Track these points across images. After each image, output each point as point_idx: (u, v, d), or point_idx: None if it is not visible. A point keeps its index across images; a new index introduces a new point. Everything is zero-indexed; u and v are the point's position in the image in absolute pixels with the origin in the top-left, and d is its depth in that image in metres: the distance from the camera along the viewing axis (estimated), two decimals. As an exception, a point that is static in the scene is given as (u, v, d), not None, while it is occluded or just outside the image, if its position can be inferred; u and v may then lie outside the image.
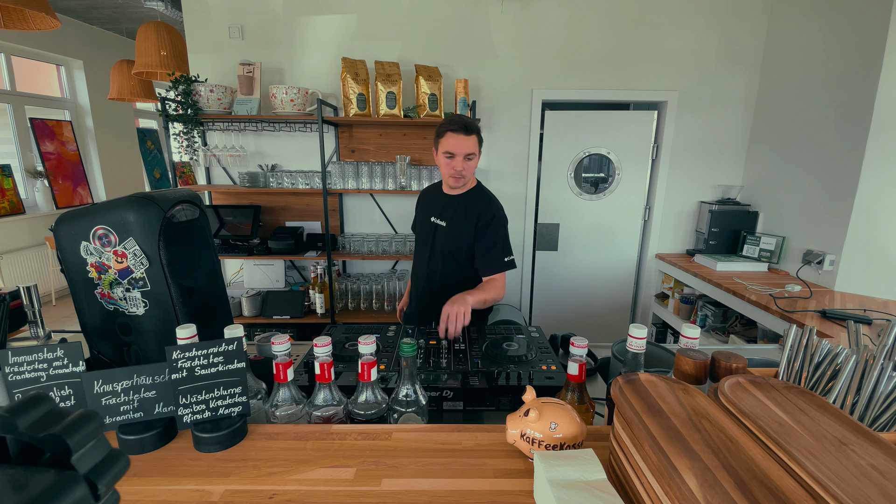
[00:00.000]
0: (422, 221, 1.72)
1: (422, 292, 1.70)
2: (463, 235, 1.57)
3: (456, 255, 1.59)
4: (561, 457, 0.65)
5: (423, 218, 1.70)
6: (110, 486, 0.32)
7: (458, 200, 1.61)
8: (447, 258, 1.60)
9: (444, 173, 1.57)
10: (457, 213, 1.60)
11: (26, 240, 4.33)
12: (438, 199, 1.67)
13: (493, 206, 1.59)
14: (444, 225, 1.62)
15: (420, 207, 1.77)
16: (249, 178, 2.80)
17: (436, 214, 1.65)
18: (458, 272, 1.61)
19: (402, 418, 0.87)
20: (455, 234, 1.58)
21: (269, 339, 1.19)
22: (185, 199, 1.05)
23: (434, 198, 1.70)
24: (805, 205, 2.54)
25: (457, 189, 1.62)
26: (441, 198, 1.66)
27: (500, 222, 1.57)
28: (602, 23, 2.83)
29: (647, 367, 0.89)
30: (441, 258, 1.61)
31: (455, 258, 1.59)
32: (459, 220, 1.58)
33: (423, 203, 1.76)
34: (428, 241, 1.65)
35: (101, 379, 0.78)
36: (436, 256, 1.63)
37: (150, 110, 6.27)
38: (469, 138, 1.48)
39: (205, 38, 2.84)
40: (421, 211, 1.75)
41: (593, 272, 3.31)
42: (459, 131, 1.47)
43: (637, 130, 3.07)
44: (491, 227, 1.55)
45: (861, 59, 2.19)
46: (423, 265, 1.67)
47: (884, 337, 0.75)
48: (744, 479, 0.47)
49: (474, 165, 1.54)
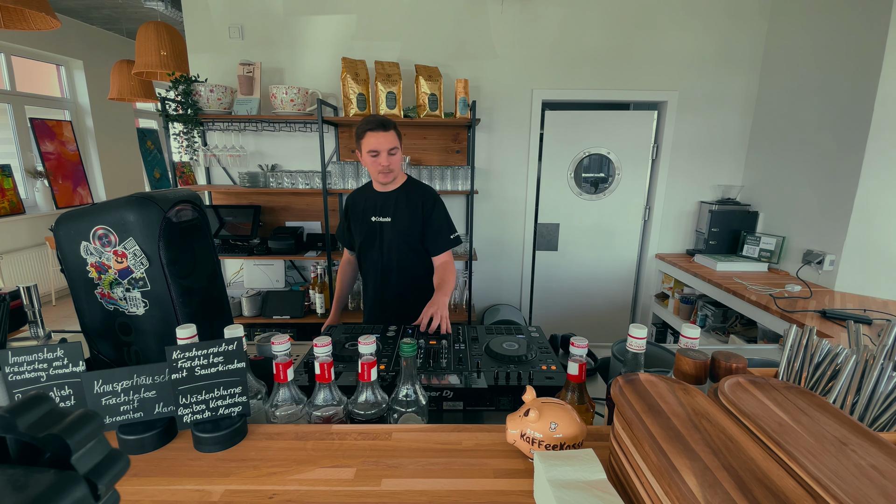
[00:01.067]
0: (361, 223, 1.73)
1: (380, 289, 1.75)
2: (412, 226, 1.66)
3: (405, 245, 1.68)
4: (561, 457, 0.65)
5: (363, 219, 1.72)
6: (110, 486, 0.32)
7: (398, 195, 1.69)
8: (401, 249, 1.68)
9: (373, 171, 1.63)
10: (399, 207, 1.67)
11: (26, 240, 4.33)
12: (375, 199, 1.71)
13: (432, 193, 1.71)
14: (388, 221, 1.68)
15: (353, 212, 1.77)
16: (249, 178, 2.80)
17: (376, 213, 1.69)
18: (414, 256, 1.70)
19: (402, 418, 0.87)
20: (403, 227, 1.66)
21: (269, 339, 1.20)
22: (185, 199, 1.05)
23: (369, 199, 1.73)
24: (805, 205, 2.54)
25: (389, 185, 1.69)
26: (378, 197, 1.71)
27: (440, 205, 1.71)
28: (602, 23, 2.83)
29: (647, 367, 0.89)
30: (394, 251, 1.69)
31: (404, 249, 1.69)
32: (404, 213, 1.67)
33: (355, 208, 1.77)
34: (375, 239, 1.71)
35: (101, 379, 0.78)
36: (388, 251, 1.69)
37: (150, 110, 6.27)
38: (388, 134, 1.56)
39: (205, 38, 2.84)
40: (356, 215, 1.75)
41: (593, 272, 3.31)
42: (378, 129, 1.55)
43: (637, 130, 3.07)
44: (435, 212, 1.68)
45: (861, 60, 2.19)
46: (377, 263, 1.72)
47: (884, 337, 0.75)
48: (744, 479, 0.47)
49: (399, 159, 1.63)
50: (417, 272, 1.72)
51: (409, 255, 1.70)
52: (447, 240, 1.69)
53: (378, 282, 1.75)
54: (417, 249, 1.70)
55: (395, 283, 1.72)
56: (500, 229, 3.18)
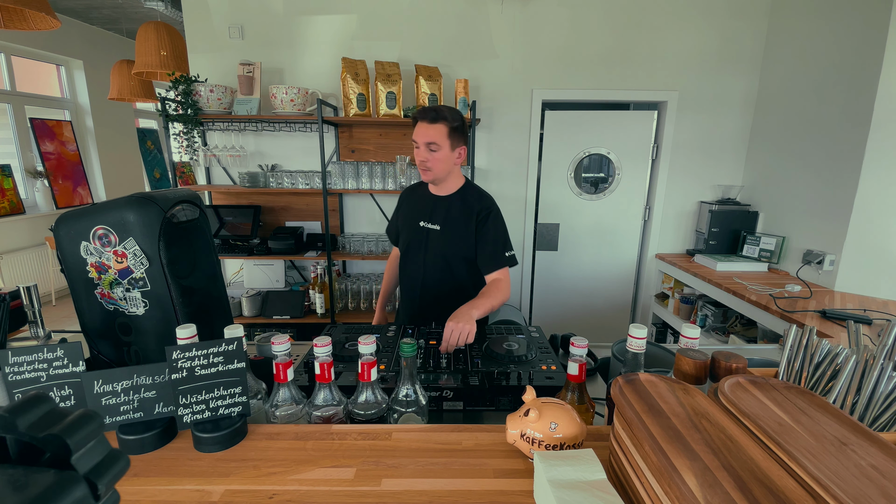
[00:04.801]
0: (409, 226, 1.58)
1: (416, 301, 1.59)
2: (462, 237, 1.47)
3: (452, 259, 1.50)
4: (561, 457, 0.65)
5: (411, 222, 1.57)
6: (110, 486, 0.32)
7: (451, 201, 1.50)
8: (444, 264, 1.51)
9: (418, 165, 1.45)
10: (450, 215, 1.49)
11: (26, 240, 4.33)
12: (426, 202, 1.55)
13: (488, 202, 1.50)
14: (437, 229, 1.50)
15: (403, 209, 1.63)
16: (249, 178, 2.80)
17: (425, 218, 1.52)
18: (459, 272, 1.52)
19: (402, 418, 0.87)
20: (452, 238, 1.48)
21: (269, 339, 1.19)
22: (185, 199, 1.05)
23: (421, 200, 1.57)
24: (805, 205, 2.54)
25: (442, 188, 1.51)
26: (429, 200, 1.54)
27: (498, 217, 1.49)
28: (602, 22, 2.83)
29: (647, 367, 0.89)
30: (436, 264, 1.51)
31: (450, 263, 1.51)
32: (455, 222, 1.48)
33: (406, 205, 1.63)
34: (420, 247, 1.53)
35: (101, 379, 0.78)
36: (431, 263, 1.52)
37: (150, 110, 6.26)
38: (433, 126, 1.37)
39: (205, 38, 2.84)
40: (405, 213, 1.61)
41: (593, 272, 3.31)
42: (424, 119, 1.38)
43: (637, 130, 3.07)
44: (489, 222, 1.46)
45: (861, 59, 2.19)
46: (416, 274, 1.56)
47: (884, 337, 0.75)
48: (744, 479, 0.47)
49: (441, 157, 1.40)
50: (460, 291, 1.49)
51: (454, 271, 1.51)
52: (500, 257, 1.45)
53: (414, 294, 1.57)
54: (465, 265, 1.50)
55: (431, 301, 1.53)
56: (500, 229, 3.18)
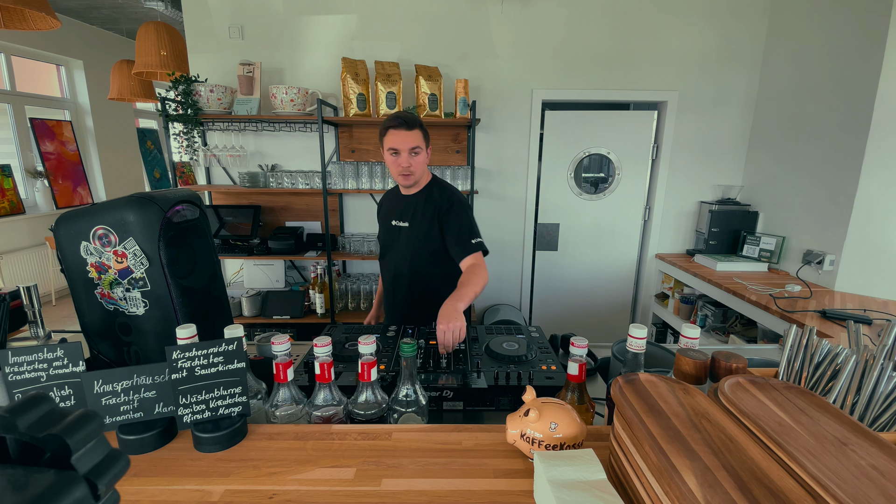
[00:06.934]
0: (384, 226, 1.67)
1: (391, 298, 1.67)
2: (428, 232, 1.54)
3: (422, 253, 1.56)
4: (561, 457, 0.65)
5: (386, 223, 1.65)
6: (110, 486, 0.32)
7: (418, 198, 1.58)
8: (416, 257, 1.57)
9: (394, 172, 1.52)
10: (417, 212, 1.56)
11: (26, 240, 4.33)
12: (398, 202, 1.63)
13: (450, 193, 1.56)
14: (406, 226, 1.58)
15: (381, 215, 1.72)
16: (249, 178, 2.80)
17: (397, 217, 1.61)
18: (430, 266, 1.57)
19: (402, 418, 0.87)
20: (419, 233, 1.55)
21: (269, 339, 1.19)
22: (185, 199, 1.05)
23: (393, 201, 1.66)
24: (805, 205, 2.54)
25: (411, 188, 1.58)
26: (400, 200, 1.62)
27: (460, 206, 1.54)
28: (602, 23, 2.83)
29: (647, 367, 0.89)
30: (408, 259, 1.58)
31: (421, 257, 1.57)
32: (421, 217, 1.55)
33: (382, 210, 1.71)
34: (393, 245, 1.62)
35: (101, 379, 0.78)
36: (402, 259, 1.60)
37: (150, 110, 6.27)
38: (411, 133, 1.44)
39: (205, 38, 2.84)
40: (382, 218, 1.70)
41: (593, 272, 3.31)
42: (401, 127, 1.43)
43: (637, 130, 3.07)
44: (452, 213, 1.52)
45: (861, 59, 2.19)
46: (390, 270, 1.64)
47: (884, 337, 0.75)
48: (744, 479, 0.47)
49: (422, 160, 1.50)
50: (434, 283, 1.57)
51: (425, 265, 1.57)
52: (467, 244, 1.49)
53: (389, 290, 1.67)
54: (437, 258, 1.56)
55: (404, 295, 1.61)
56: (500, 229, 3.18)
